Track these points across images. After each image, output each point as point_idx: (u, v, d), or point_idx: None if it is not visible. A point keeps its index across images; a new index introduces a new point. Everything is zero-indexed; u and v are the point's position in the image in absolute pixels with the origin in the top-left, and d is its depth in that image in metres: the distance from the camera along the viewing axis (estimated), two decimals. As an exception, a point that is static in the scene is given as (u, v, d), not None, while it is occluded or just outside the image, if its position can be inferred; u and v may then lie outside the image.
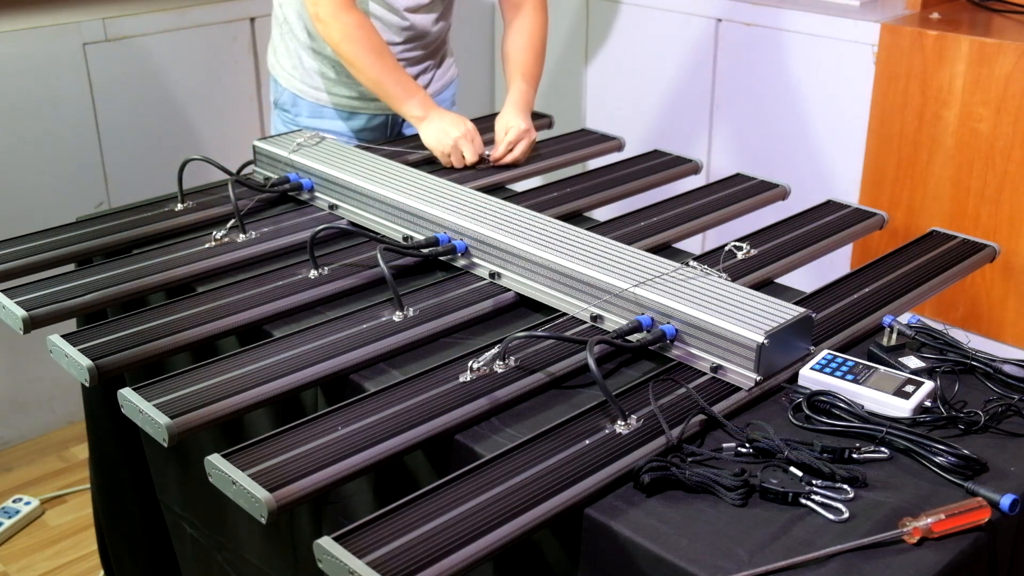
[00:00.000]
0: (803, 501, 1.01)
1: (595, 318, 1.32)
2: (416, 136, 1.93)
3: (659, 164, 1.90)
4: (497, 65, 3.45)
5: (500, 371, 1.21)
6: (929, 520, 0.96)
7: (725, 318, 1.20)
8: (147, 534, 1.79)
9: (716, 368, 1.20)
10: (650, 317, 1.26)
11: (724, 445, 1.08)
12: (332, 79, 2.05)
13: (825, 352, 1.23)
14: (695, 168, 1.92)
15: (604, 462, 1.05)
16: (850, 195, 2.50)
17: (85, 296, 1.40)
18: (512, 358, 1.23)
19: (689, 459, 1.06)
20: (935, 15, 2.42)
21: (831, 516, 0.99)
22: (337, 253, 1.52)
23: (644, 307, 1.27)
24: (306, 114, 2.09)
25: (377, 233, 1.59)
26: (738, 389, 1.18)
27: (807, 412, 1.14)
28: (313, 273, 1.46)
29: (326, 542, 0.92)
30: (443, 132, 1.86)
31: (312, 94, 2.08)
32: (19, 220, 2.40)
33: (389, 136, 2.12)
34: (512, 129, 1.90)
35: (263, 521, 0.99)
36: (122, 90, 2.64)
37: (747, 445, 1.08)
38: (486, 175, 1.84)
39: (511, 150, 1.89)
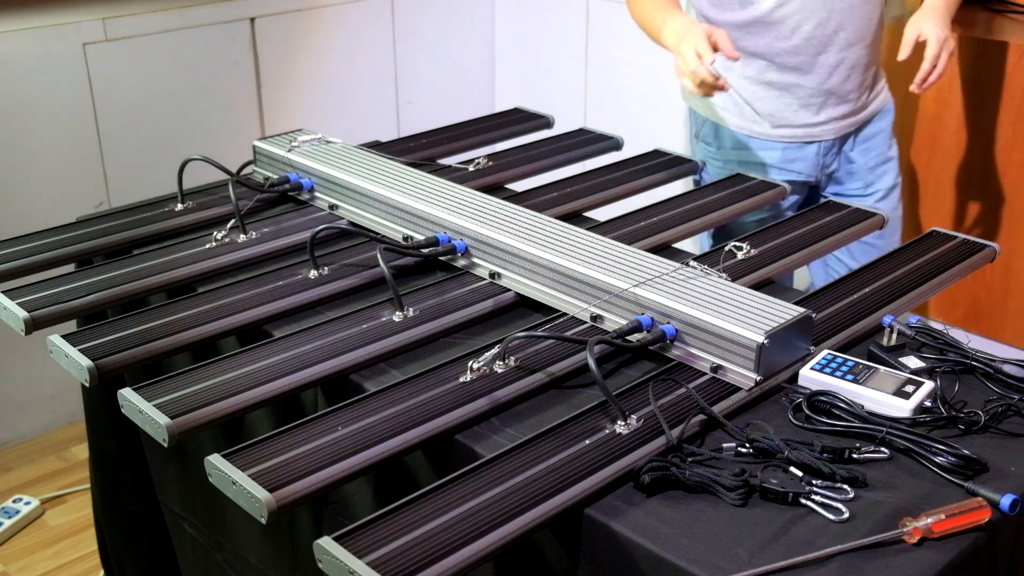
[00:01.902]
0: (803, 501, 1.01)
1: (595, 318, 1.32)
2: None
3: (659, 164, 1.90)
4: (498, 64, 3.46)
5: (500, 371, 1.21)
6: (929, 520, 0.96)
7: (725, 318, 1.20)
8: (147, 534, 1.79)
9: (716, 368, 1.20)
10: (650, 317, 1.26)
11: (724, 445, 1.08)
12: (747, 103, 1.85)
13: (825, 352, 1.23)
14: (695, 168, 1.92)
15: (604, 462, 1.05)
16: (850, 195, 2.50)
17: (86, 297, 1.40)
18: (512, 358, 1.23)
19: (689, 459, 1.06)
20: (935, 15, 2.42)
21: (831, 516, 0.99)
22: (337, 253, 1.52)
23: (644, 307, 1.27)
24: (729, 145, 1.94)
25: (377, 233, 1.59)
26: (738, 389, 1.18)
27: (807, 412, 1.14)
28: (313, 273, 1.46)
29: (326, 542, 0.92)
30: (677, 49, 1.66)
31: (735, 122, 1.90)
32: (19, 220, 2.40)
33: (821, 170, 1.94)
34: (931, 39, 1.69)
35: (263, 521, 0.99)
36: (122, 90, 2.64)
37: (747, 445, 1.08)
38: (486, 175, 1.84)
39: (935, 66, 1.69)
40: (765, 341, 1.16)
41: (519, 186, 1.86)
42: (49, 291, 1.41)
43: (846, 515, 0.99)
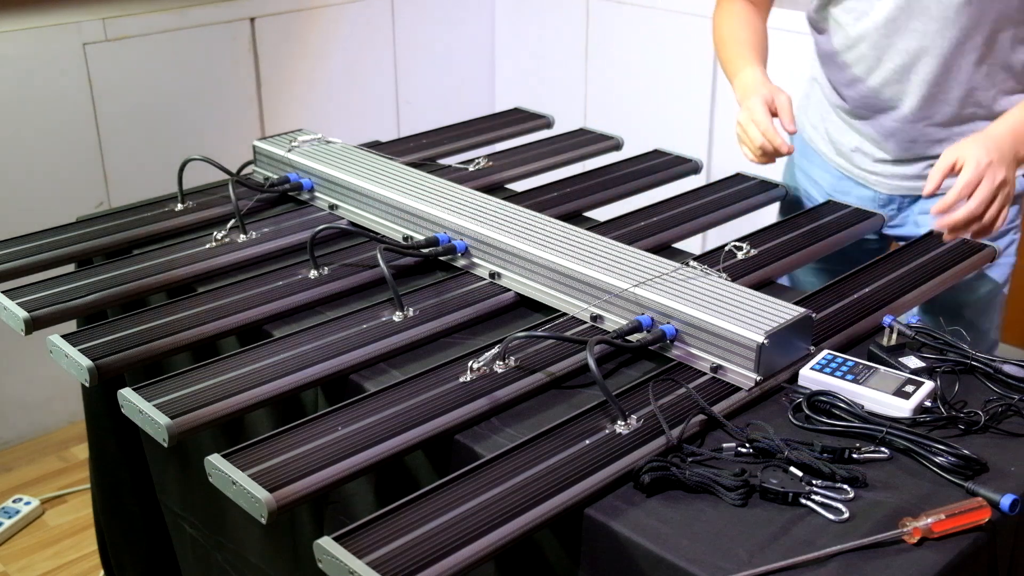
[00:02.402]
0: (803, 501, 1.01)
1: (595, 318, 1.32)
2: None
3: (659, 164, 1.90)
4: (498, 64, 3.46)
5: (500, 371, 1.21)
6: (929, 520, 0.96)
7: (725, 318, 1.20)
8: (147, 534, 1.79)
9: (716, 368, 1.20)
10: (650, 317, 1.26)
11: (724, 445, 1.08)
12: (829, 119, 1.73)
13: (825, 352, 1.23)
14: (695, 168, 1.92)
15: (604, 462, 1.05)
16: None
17: (86, 297, 1.40)
18: (512, 358, 1.23)
19: (689, 459, 1.06)
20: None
21: (831, 516, 0.99)
22: (337, 253, 1.52)
23: (644, 307, 1.27)
24: (800, 150, 1.82)
25: (377, 233, 1.59)
26: (738, 389, 1.18)
27: (807, 412, 1.14)
28: (313, 273, 1.46)
29: (326, 542, 0.92)
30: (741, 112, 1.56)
31: (809, 132, 1.78)
32: (19, 220, 2.40)
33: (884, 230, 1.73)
34: (969, 163, 1.37)
35: (263, 521, 0.99)
36: (122, 90, 2.64)
37: (747, 445, 1.08)
38: (486, 175, 1.84)
39: (965, 197, 1.37)
40: (765, 341, 1.16)
41: (519, 186, 1.86)
42: (49, 291, 1.41)
43: (846, 515, 0.99)
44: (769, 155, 1.54)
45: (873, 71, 1.61)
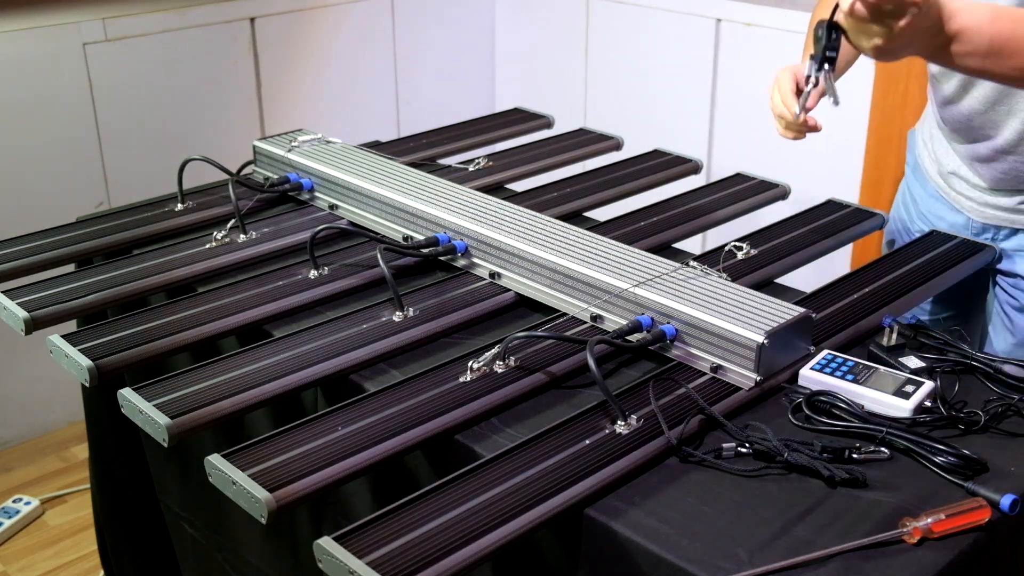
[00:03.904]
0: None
1: (595, 318, 1.32)
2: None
3: (659, 164, 1.90)
4: (498, 64, 3.46)
5: (500, 371, 1.21)
6: (929, 520, 0.96)
7: (725, 318, 1.20)
8: (147, 534, 1.79)
9: (716, 368, 1.20)
10: (650, 317, 1.26)
11: (724, 445, 1.08)
12: (935, 138, 1.63)
13: (825, 352, 1.23)
14: (695, 168, 1.92)
15: (604, 462, 1.05)
16: (850, 195, 2.50)
17: (86, 297, 1.40)
18: (512, 358, 1.23)
19: (689, 459, 1.07)
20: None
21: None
22: (337, 253, 1.52)
23: (644, 307, 1.27)
24: (911, 165, 1.73)
25: (377, 233, 1.59)
26: (738, 389, 1.18)
27: (807, 412, 1.14)
28: (313, 273, 1.46)
29: (326, 542, 0.92)
30: None
31: (935, 179, 1.66)
32: (19, 220, 2.40)
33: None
34: None
35: (263, 521, 0.99)
36: (122, 90, 2.64)
37: (747, 445, 1.08)
38: (486, 175, 1.84)
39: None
40: (765, 341, 1.16)
41: (519, 186, 1.86)
42: (49, 291, 1.41)
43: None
44: (794, 130, 1.43)
45: (965, 96, 1.51)
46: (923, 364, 1.22)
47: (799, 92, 1.41)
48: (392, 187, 1.60)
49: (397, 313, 1.34)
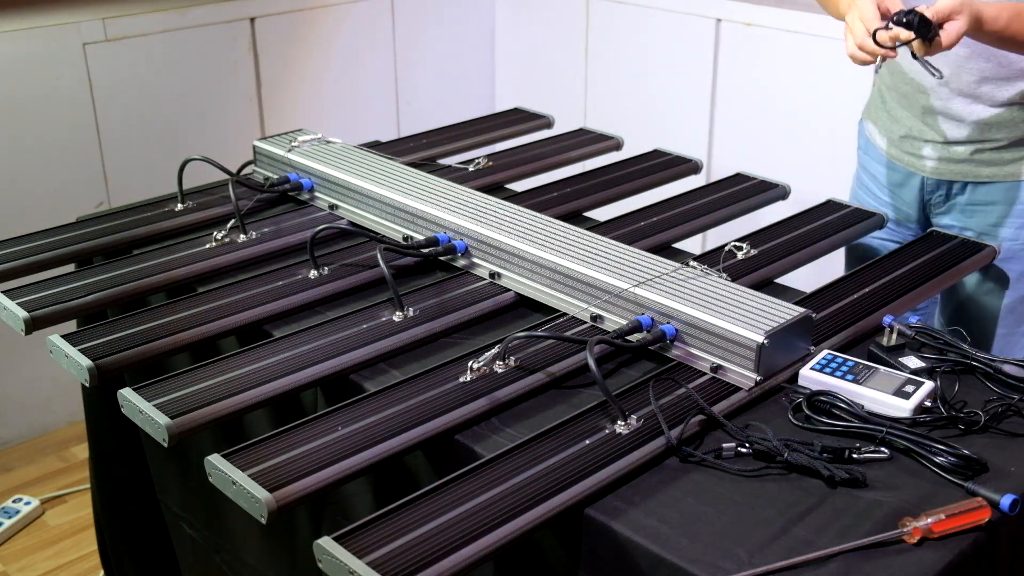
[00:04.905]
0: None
1: (595, 318, 1.32)
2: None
3: (659, 164, 1.90)
4: (498, 64, 3.46)
5: (500, 371, 1.21)
6: (929, 520, 0.96)
7: (725, 318, 1.20)
8: (147, 534, 1.79)
9: (716, 368, 1.20)
10: (650, 317, 1.26)
11: (724, 445, 1.08)
12: (882, 109, 1.73)
13: (825, 352, 1.23)
14: (695, 168, 1.92)
15: (604, 462, 1.05)
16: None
17: (86, 297, 1.40)
18: (512, 358, 1.23)
19: (689, 459, 1.07)
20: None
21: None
22: (337, 253, 1.52)
23: (644, 307, 1.27)
24: (862, 148, 1.83)
25: (377, 233, 1.59)
26: (738, 389, 1.18)
27: (807, 412, 1.14)
28: (313, 273, 1.46)
29: (326, 542, 0.92)
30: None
31: (867, 125, 1.78)
32: (19, 220, 2.40)
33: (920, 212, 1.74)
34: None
35: (263, 521, 0.99)
36: (122, 90, 2.64)
37: (747, 445, 1.08)
38: (486, 175, 1.84)
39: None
40: (765, 341, 1.16)
41: (519, 186, 1.86)
42: (49, 291, 1.41)
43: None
44: (871, 50, 1.43)
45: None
46: (923, 364, 1.22)
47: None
48: (392, 187, 1.60)
49: (397, 313, 1.34)
